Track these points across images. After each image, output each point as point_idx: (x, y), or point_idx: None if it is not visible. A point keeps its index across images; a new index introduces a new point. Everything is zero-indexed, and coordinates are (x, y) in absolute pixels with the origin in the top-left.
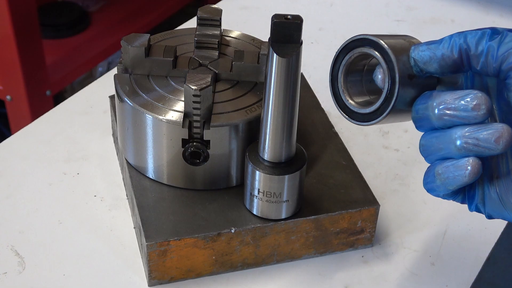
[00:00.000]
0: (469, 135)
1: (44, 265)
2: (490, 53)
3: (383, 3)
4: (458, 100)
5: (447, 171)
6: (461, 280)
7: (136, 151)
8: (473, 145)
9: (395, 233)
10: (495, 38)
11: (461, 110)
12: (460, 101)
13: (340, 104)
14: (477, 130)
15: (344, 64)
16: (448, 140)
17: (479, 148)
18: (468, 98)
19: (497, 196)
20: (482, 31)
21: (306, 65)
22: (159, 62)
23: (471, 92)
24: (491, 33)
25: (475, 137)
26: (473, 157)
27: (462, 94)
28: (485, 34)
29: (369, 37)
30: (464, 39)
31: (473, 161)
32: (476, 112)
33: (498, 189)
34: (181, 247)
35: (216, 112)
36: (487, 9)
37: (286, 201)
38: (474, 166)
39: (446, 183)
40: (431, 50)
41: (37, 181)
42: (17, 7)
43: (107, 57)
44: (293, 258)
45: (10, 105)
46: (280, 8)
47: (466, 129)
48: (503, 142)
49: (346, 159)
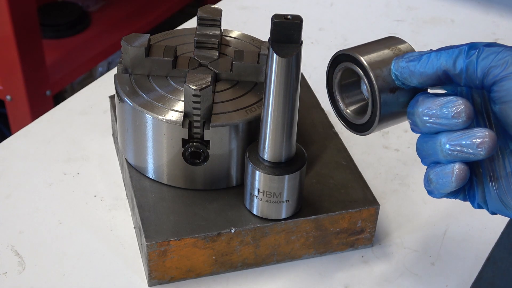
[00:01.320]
0: (452, 142)
1: (44, 265)
2: (470, 70)
3: (383, 3)
4: (440, 108)
5: (437, 177)
6: (461, 280)
7: (136, 151)
8: (457, 151)
9: (395, 233)
10: (472, 55)
11: (442, 118)
12: (442, 109)
13: (339, 114)
14: (460, 136)
15: (334, 78)
16: (435, 146)
17: (463, 154)
18: (449, 105)
19: (497, 197)
20: (458, 49)
21: (306, 65)
22: (159, 62)
23: (451, 100)
24: (467, 50)
25: (458, 143)
26: (459, 163)
27: (443, 102)
28: (462, 52)
29: (349, 53)
30: (442, 59)
31: (459, 167)
32: (456, 120)
33: (497, 190)
34: (181, 247)
35: (216, 112)
36: (487, 9)
37: (286, 201)
38: (460, 172)
39: (438, 187)
40: (410, 68)
41: (37, 181)
42: (17, 7)
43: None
44: (293, 258)
45: (10, 105)
46: (280, 8)
47: (450, 136)
48: (486, 148)
49: (346, 159)
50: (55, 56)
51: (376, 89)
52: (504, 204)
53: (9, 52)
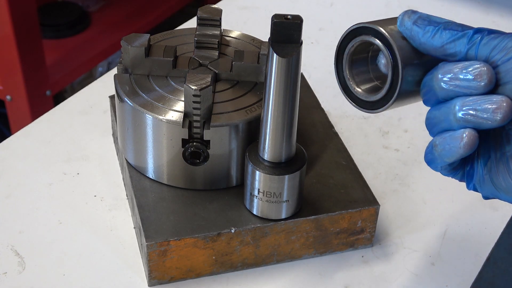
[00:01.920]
0: (468, 106)
1: (44, 265)
2: (469, 55)
3: (383, 3)
4: (461, 70)
5: (444, 142)
6: (461, 280)
7: (136, 151)
8: (471, 115)
9: (395, 233)
10: (475, 39)
11: (463, 80)
12: (462, 71)
13: (348, 93)
14: (476, 101)
15: (347, 54)
16: (448, 111)
17: (477, 119)
18: (470, 68)
19: (490, 178)
20: (463, 33)
21: (306, 65)
22: (159, 62)
23: (474, 63)
24: (472, 34)
25: (473, 107)
26: (470, 129)
27: (465, 65)
28: (466, 36)
29: (369, 25)
30: (444, 38)
31: (469, 133)
32: (478, 82)
33: (491, 171)
34: (181, 247)
35: (216, 112)
36: (487, 9)
37: (286, 201)
38: (469, 138)
39: (442, 154)
40: (413, 33)
41: (37, 181)
42: (17, 7)
43: (107, 57)
44: (293, 258)
45: (10, 105)
46: (280, 8)
47: (466, 100)
48: (502, 113)
49: (346, 159)
50: (55, 56)
51: (399, 58)
52: (495, 186)
53: (9, 52)
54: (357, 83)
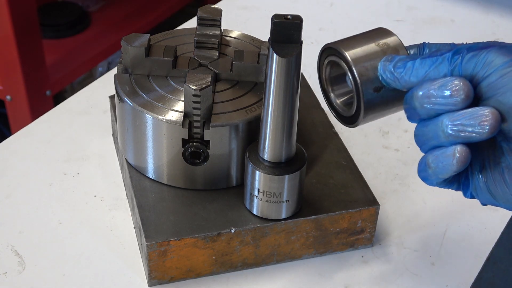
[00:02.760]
0: (454, 121)
1: (44, 265)
2: (456, 72)
3: (383, 3)
4: (438, 87)
5: (436, 160)
6: (461, 280)
7: (136, 151)
8: (459, 131)
9: (395, 233)
10: (456, 60)
11: (441, 97)
12: (440, 88)
13: (331, 106)
14: (462, 115)
15: (325, 78)
16: (436, 128)
17: (466, 134)
18: (447, 84)
19: (486, 187)
20: (442, 57)
21: (306, 65)
22: (159, 62)
23: (451, 79)
24: (451, 57)
25: (461, 122)
26: (461, 145)
27: (441, 82)
28: (445, 59)
29: (335, 47)
30: (426, 67)
31: (461, 149)
32: (455, 98)
33: (486, 180)
34: (181, 247)
35: (216, 112)
36: (487, 9)
37: (286, 201)
38: (461, 154)
39: (436, 172)
40: (396, 76)
41: (37, 181)
42: (17, 7)
43: (107, 57)
44: (293, 258)
45: (10, 105)
46: (280, 8)
47: (452, 115)
48: (489, 125)
49: (346, 159)
50: (55, 56)
51: (360, 86)
52: (492, 195)
53: (9, 52)
54: (336, 96)
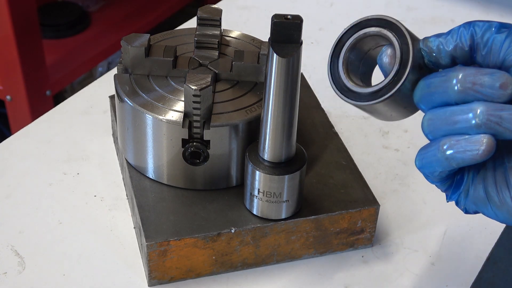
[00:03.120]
0: (493, 112)
1: (44, 265)
2: (495, 45)
3: (383, 3)
4: (485, 76)
5: (457, 146)
6: (461, 280)
7: (136, 151)
8: (495, 123)
9: (395, 233)
10: (503, 32)
11: (487, 86)
12: (486, 77)
13: (336, 80)
14: (501, 109)
15: (353, 40)
16: (467, 114)
17: (500, 127)
18: (495, 75)
19: (483, 188)
20: (489, 23)
21: (306, 65)
22: (159, 62)
23: (498, 71)
24: (498, 26)
25: (499, 115)
26: (489, 135)
27: (488, 71)
28: (492, 26)
29: (386, 17)
30: (471, 28)
31: (489, 139)
32: (503, 91)
33: (485, 181)
34: (181, 247)
35: (216, 112)
36: (487, 9)
37: (286, 201)
38: (489, 144)
39: (452, 158)
40: (440, 40)
41: (37, 181)
42: (17, 7)
43: (107, 57)
44: (293, 258)
45: (10, 105)
46: (280, 8)
47: (491, 105)
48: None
49: (346, 159)
50: (55, 56)
51: (411, 56)
52: (488, 197)
53: (9, 52)
54: (349, 74)
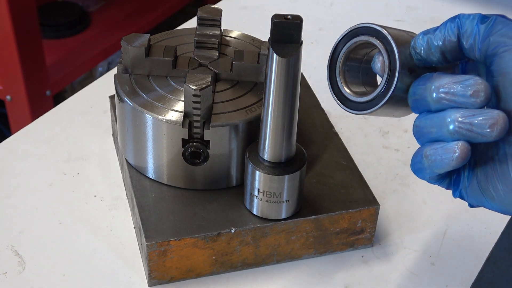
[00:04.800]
0: (463, 120)
1: (44, 265)
2: (478, 35)
3: (383, 3)
4: (457, 84)
5: (435, 153)
6: (461, 280)
7: (136, 151)
8: (466, 129)
9: (395, 233)
10: (485, 22)
11: (459, 95)
12: (459, 86)
13: (336, 91)
14: (472, 115)
15: (344, 51)
16: (442, 122)
17: (471, 133)
18: (467, 83)
19: (477, 183)
20: (473, 15)
21: (306, 65)
22: (159, 62)
23: (471, 78)
24: (481, 17)
25: (469, 122)
26: (463, 141)
27: (461, 79)
28: (476, 17)
29: (373, 26)
30: (457, 19)
31: (462, 145)
32: (474, 99)
33: (478, 176)
34: (181, 247)
35: (216, 112)
36: (487, 9)
37: (286, 201)
38: (462, 151)
39: (433, 165)
40: (430, 37)
41: (37, 181)
42: (17, 7)
43: (107, 57)
44: (293, 258)
45: (10, 105)
46: (280, 8)
47: (461, 113)
48: (497, 129)
49: (346, 159)
50: (55, 56)
51: (398, 63)
52: (482, 191)
53: (9, 52)
54: (347, 83)
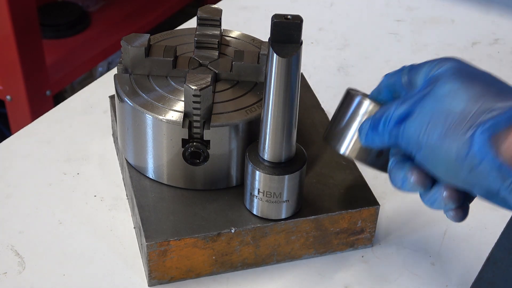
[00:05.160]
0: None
1: (44, 265)
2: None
3: (383, 3)
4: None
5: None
6: (461, 280)
7: (136, 151)
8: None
9: (395, 233)
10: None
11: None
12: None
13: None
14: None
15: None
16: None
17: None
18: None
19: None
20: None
21: (306, 65)
22: (159, 62)
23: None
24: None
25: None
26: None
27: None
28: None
29: (331, 144)
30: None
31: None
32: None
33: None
34: (181, 247)
35: (216, 112)
36: (487, 9)
37: (286, 201)
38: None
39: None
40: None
41: (37, 181)
42: (17, 7)
43: (107, 57)
44: (293, 258)
45: (10, 105)
46: (280, 8)
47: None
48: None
49: (346, 159)
50: (55, 56)
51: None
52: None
53: (9, 52)
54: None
